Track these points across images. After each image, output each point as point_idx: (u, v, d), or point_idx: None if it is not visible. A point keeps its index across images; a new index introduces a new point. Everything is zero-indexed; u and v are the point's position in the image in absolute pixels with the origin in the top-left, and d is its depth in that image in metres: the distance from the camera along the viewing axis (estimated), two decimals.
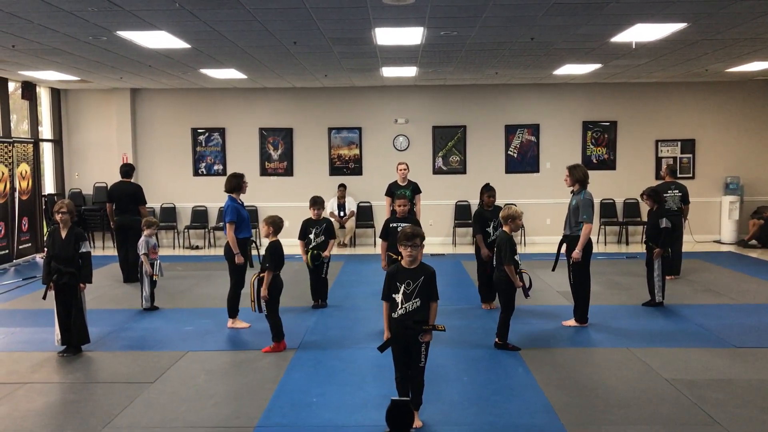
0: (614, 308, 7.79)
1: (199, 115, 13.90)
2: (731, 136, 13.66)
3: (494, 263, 6.43)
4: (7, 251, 11.27)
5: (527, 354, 6.08)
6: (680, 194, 9.61)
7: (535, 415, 4.71)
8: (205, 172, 13.91)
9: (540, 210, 13.43)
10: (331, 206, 13.25)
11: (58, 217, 6.17)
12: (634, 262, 10.66)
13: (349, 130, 13.88)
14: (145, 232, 8.00)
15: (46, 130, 13.74)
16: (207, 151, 13.96)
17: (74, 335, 6.24)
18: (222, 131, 13.91)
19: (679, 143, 13.70)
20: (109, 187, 10.49)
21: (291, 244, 9.00)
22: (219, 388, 5.34)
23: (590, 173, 7.19)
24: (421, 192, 9.58)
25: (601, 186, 12.86)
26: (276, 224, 6.30)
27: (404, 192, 8.82)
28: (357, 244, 13.64)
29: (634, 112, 13.66)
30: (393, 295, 4.44)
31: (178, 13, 7.01)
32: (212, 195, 13.46)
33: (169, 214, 13.83)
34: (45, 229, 12.51)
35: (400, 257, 4.63)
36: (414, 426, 4.33)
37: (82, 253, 6.17)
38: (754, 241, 12.87)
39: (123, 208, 9.66)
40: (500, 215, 6.34)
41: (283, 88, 13.72)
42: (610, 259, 11.44)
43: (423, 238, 4.51)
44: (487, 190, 7.82)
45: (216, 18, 7.29)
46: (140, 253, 7.93)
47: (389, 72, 11.55)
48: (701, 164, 13.71)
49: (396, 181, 9.56)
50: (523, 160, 13.78)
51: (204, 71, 11.18)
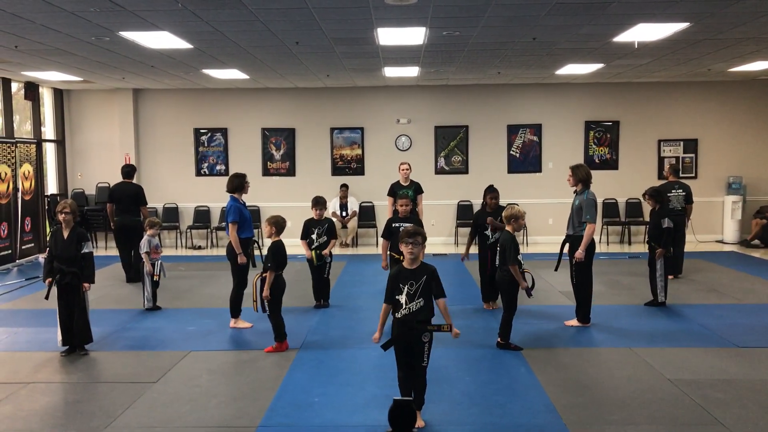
0: (616, 308, 7.78)
1: (201, 115, 13.91)
2: (734, 135, 13.65)
3: (496, 262, 6.43)
4: (9, 251, 11.30)
5: (529, 354, 6.08)
6: (684, 194, 9.60)
7: (537, 415, 4.71)
8: (207, 173, 13.93)
9: (542, 210, 13.42)
10: (333, 206, 13.25)
11: (60, 217, 6.16)
12: (636, 262, 10.66)
13: (352, 130, 13.89)
14: (148, 232, 8.01)
15: (48, 131, 13.77)
16: (209, 152, 13.97)
17: (77, 335, 6.25)
18: (224, 131, 13.93)
19: (681, 143, 13.69)
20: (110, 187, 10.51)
21: (293, 244, 8.99)
22: (221, 388, 5.35)
23: (593, 173, 7.18)
24: (423, 192, 9.58)
25: (604, 186, 12.86)
26: (279, 224, 6.30)
27: (406, 192, 8.82)
28: (359, 244, 13.64)
29: (636, 111, 13.65)
30: (396, 296, 4.44)
31: (180, 14, 7.02)
32: (215, 195, 13.47)
33: (172, 214, 13.85)
34: (48, 230, 12.54)
35: (402, 257, 4.64)
36: (416, 426, 4.33)
37: (84, 253, 6.18)
38: (756, 241, 12.85)
39: (124, 208, 9.65)
40: (503, 215, 6.34)
41: (285, 89, 13.72)
42: (613, 259, 11.43)
43: (425, 237, 4.53)
44: (490, 192, 7.83)
45: (218, 18, 7.30)
46: (141, 253, 7.94)
47: (391, 72, 11.55)
48: (704, 164, 13.70)
49: (398, 181, 9.56)
50: (526, 160, 13.77)
51: (206, 71, 11.19)
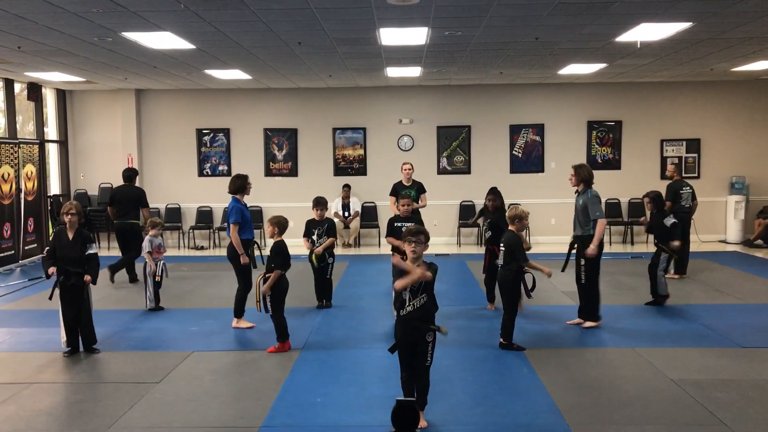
0: (619, 308, 7.77)
1: (203, 115, 13.92)
2: (737, 135, 13.62)
3: (495, 262, 6.43)
4: (12, 252, 11.31)
5: (532, 354, 6.07)
6: (691, 191, 9.71)
7: (539, 415, 4.71)
8: (209, 173, 13.94)
9: (545, 210, 13.40)
10: (335, 206, 13.25)
11: (66, 219, 6.14)
12: (639, 262, 10.64)
13: (354, 130, 13.89)
14: (151, 233, 8.02)
15: (51, 131, 13.79)
16: (212, 152, 13.98)
17: (84, 336, 6.28)
18: (227, 132, 13.93)
19: (684, 143, 13.67)
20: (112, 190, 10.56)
21: (295, 244, 8.99)
22: (224, 388, 5.36)
23: (595, 173, 7.19)
24: (425, 191, 9.57)
25: (606, 186, 12.82)
26: (281, 225, 6.32)
27: (409, 192, 8.82)
28: (361, 245, 13.64)
29: (639, 111, 13.64)
30: (401, 293, 4.47)
31: (182, 14, 7.03)
32: (217, 195, 13.47)
33: (174, 214, 13.86)
34: (51, 230, 12.56)
35: (404, 256, 4.64)
36: (419, 426, 4.33)
37: (89, 254, 6.19)
38: (759, 241, 12.82)
39: (124, 211, 9.68)
40: (507, 215, 6.36)
41: (287, 89, 13.73)
42: (615, 259, 11.40)
43: (428, 236, 4.54)
44: (490, 194, 7.82)
45: (221, 19, 7.30)
46: (144, 253, 7.96)
47: (394, 72, 11.55)
48: (706, 164, 13.68)
49: (401, 181, 9.55)
50: (528, 160, 13.76)
51: (209, 72, 11.20)
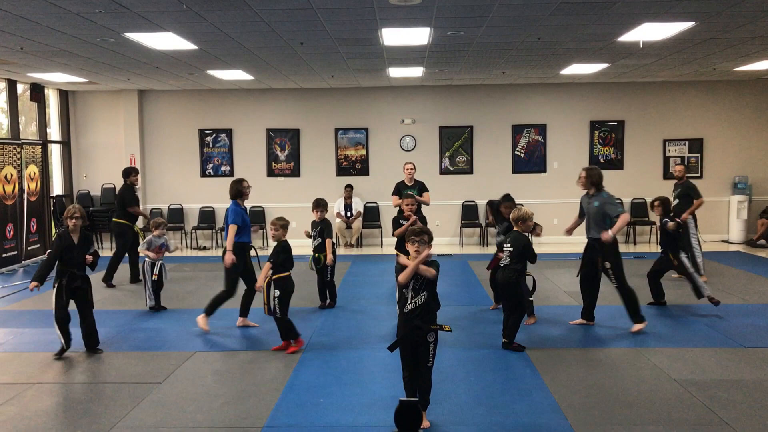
0: (622, 308, 7.75)
1: (206, 116, 13.94)
2: (739, 135, 13.60)
3: (501, 263, 6.41)
4: (15, 252, 11.34)
5: (535, 354, 6.07)
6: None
7: (542, 415, 4.70)
8: (212, 173, 13.95)
9: (547, 210, 13.38)
10: (337, 207, 13.26)
11: (71, 222, 6.07)
12: (642, 262, 10.61)
13: (356, 130, 13.89)
14: (154, 232, 8.08)
15: (54, 132, 13.81)
16: (214, 152, 14.00)
17: (88, 336, 6.28)
18: (229, 132, 13.95)
19: (687, 143, 13.66)
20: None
21: (298, 244, 9.00)
22: (227, 388, 5.35)
23: None
24: (428, 191, 9.54)
25: (609, 186, 12.48)
26: (286, 226, 6.39)
27: (411, 192, 8.81)
28: (364, 245, 13.64)
29: (641, 111, 13.63)
30: (403, 290, 4.49)
31: (185, 15, 7.04)
32: (219, 196, 13.48)
33: (177, 214, 13.88)
34: (53, 231, 12.59)
35: (408, 256, 4.64)
36: (422, 426, 4.32)
37: (93, 251, 6.25)
38: (762, 241, 12.80)
39: (115, 210, 9.84)
40: (511, 217, 6.36)
41: (289, 89, 13.74)
42: None
43: (431, 236, 4.55)
44: (506, 200, 7.56)
45: (223, 19, 7.31)
46: (140, 250, 8.14)
47: (396, 72, 11.55)
48: (709, 164, 13.66)
49: (403, 181, 9.55)
50: (530, 160, 13.76)
51: (211, 72, 11.21)
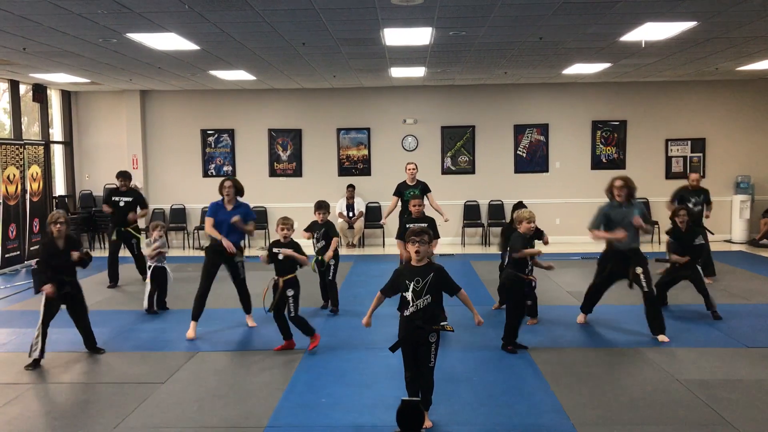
0: (625, 308, 7.75)
1: (208, 116, 13.95)
2: (742, 134, 13.58)
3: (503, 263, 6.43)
4: (18, 252, 11.36)
5: (537, 354, 6.06)
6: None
7: (545, 416, 4.70)
8: (214, 173, 13.95)
9: (549, 210, 13.37)
10: (339, 207, 13.27)
11: (55, 228, 5.95)
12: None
13: (358, 130, 13.89)
14: (153, 234, 8.12)
15: (56, 132, 13.83)
16: (216, 153, 14.01)
17: (85, 338, 6.28)
18: (231, 132, 13.96)
19: (689, 142, 13.63)
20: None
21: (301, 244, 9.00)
22: (229, 388, 5.36)
23: (600, 173, 7.26)
24: (430, 191, 9.54)
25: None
26: (293, 226, 6.46)
27: (414, 192, 8.82)
28: (366, 245, 13.64)
29: (643, 111, 13.60)
30: (403, 293, 4.46)
31: (187, 15, 7.04)
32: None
33: (179, 215, 13.89)
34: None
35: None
36: (424, 426, 4.32)
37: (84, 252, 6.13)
38: (765, 240, 12.78)
39: None
40: (513, 216, 6.42)
41: (291, 89, 13.74)
42: None
43: (431, 236, 4.54)
44: (519, 208, 7.30)
45: (225, 19, 7.32)
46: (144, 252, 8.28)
47: (398, 72, 11.54)
48: (712, 163, 13.64)
49: (405, 182, 9.55)
50: (533, 159, 13.74)
51: (213, 73, 11.22)
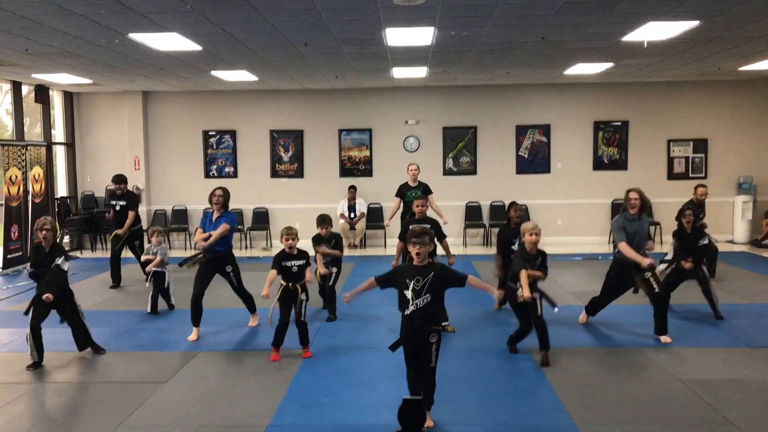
0: (627, 308, 7.74)
1: (210, 117, 13.96)
2: (744, 135, 13.56)
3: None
4: (20, 253, 11.37)
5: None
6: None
7: (547, 415, 4.69)
8: (216, 174, 13.95)
9: (551, 211, 13.37)
10: (341, 208, 13.27)
11: (41, 234, 5.95)
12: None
13: (360, 131, 13.89)
14: (152, 240, 8.16)
15: (58, 133, 13.85)
16: (218, 154, 14.01)
17: (79, 341, 6.23)
18: (233, 133, 13.96)
19: (691, 143, 13.61)
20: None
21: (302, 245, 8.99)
22: (231, 388, 5.36)
23: (602, 174, 7.21)
24: (432, 192, 9.54)
25: (613, 187, 12.79)
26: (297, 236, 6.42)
27: (415, 193, 8.82)
28: (367, 246, 13.63)
29: (645, 111, 13.59)
30: (403, 291, 4.44)
31: (189, 15, 7.05)
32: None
33: (181, 216, 13.89)
34: (58, 232, 12.60)
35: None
36: (426, 426, 4.32)
37: (54, 265, 5.90)
38: (767, 241, 12.76)
39: None
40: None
41: (293, 90, 13.75)
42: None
43: (432, 237, 4.54)
44: (513, 206, 7.46)
45: (227, 20, 7.32)
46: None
47: (399, 73, 11.54)
48: (714, 164, 13.62)
49: (406, 182, 9.54)
50: (534, 160, 13.73)
51: (215, 73, 11.23)
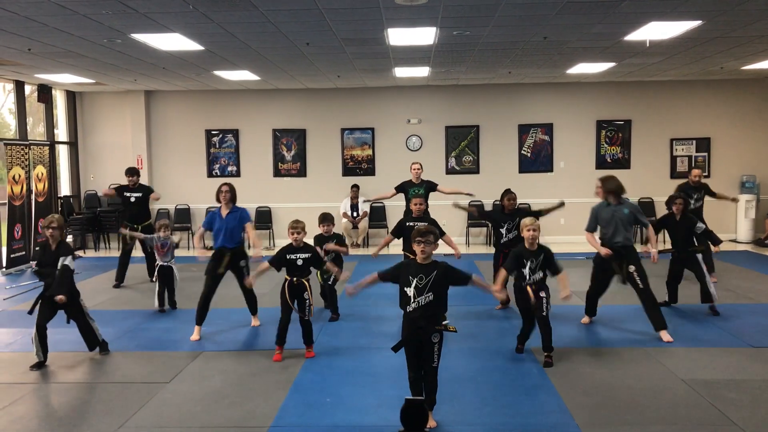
0: (629, 308, 7.74)
1: (212, 116, 13.97)
2: (747, 134, 13.54)
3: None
4: (23, 253, 11.39)
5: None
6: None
7: (549, 416, 4.69)
8: (219, 174, 13.97)
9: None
10: (344, 207, 13.27)
11: (48, 232, 5.96)
12: (649, 261, 10.56)
13: (362, 130, 13.90)
14: (160, 234, 8.17)
15: (61, 133, 13.87)
16: (221, 153, 14.03)
17: (87, 341, 6.26)
18: (235, 132, 13.98)
19: (694, 142, 13.60)
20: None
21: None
22: (233, 388, 5.37)
23: (604, 173, 7.18)
24: (437, 185, 9.41)
25: None
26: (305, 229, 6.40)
27: (418, 191, 8.81)
28: (370, 245, 13.63)
29: (648, 110, 13.58)
30: (405, 289, 4.44)
31: (191, 15, 7.06)
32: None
33: (184, 215, 13.91)
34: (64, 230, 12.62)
35: (415, 256, 4.63)
36: (428, 426, 4.33)
37: (62, 266, 5.90)
38: None
39: None
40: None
41: (295, 89, 13.76)
42: None
43: (437, 236, 4.54)
44: (507, 194, 7.70)
45: (229, 20, 7.33)
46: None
47: (402, 72, 11.54)
48: (717, 163, 13.60)
49: (410, 180, 9.53)
50: (537, 159, 13.73)
51: (217, 73, 11.23)
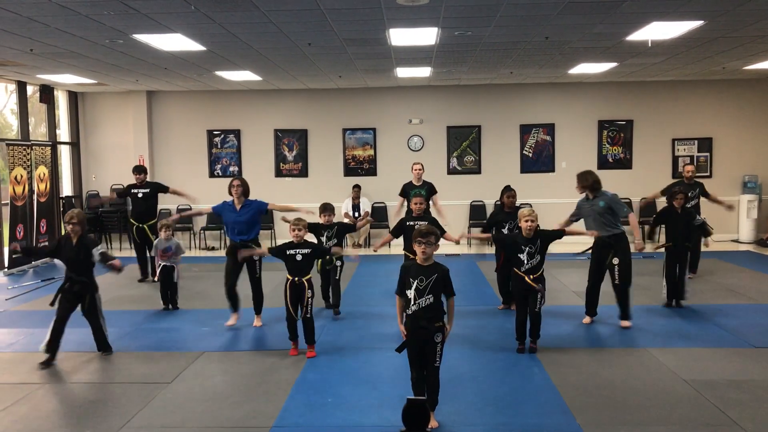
0: (631, 309, 7.73)
1: (214, 117, 13.98)
2: (749, 134, 13.52)
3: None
4: None
5: (543, 354, 6.05)
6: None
7: (551, 416, 4.69)
8: (220, 174, 13.98)
9: (556, 210, 13.24)
10: (345, 207, 13.27)
11: (69, 228, 6.12)
12: (650, 262, 10.57)
13: (364, 130, 13.90)
14: (161, 235, 8.16)
15: (63, 133, 13.89)
16: (222, 153, 14.04)
17: (97, 340, 6.30)
18: (237, 133, 13.98)
19: (696, 142, 13.58)
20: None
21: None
22: (235, 388, 5.37)
23: (606, 173, 7.25)
24: (437, 192, 9.52)
25: (618, 185, 12.65)
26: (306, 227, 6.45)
27: (419, 192, 8.81)
28: (371, 245, 13.64)
29: (650, 110, 13.56)
30: (405, 291, 4.45)
31: (193, 16, 7.06)
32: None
33: None
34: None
35: (415, 256, 4.64)
36: (430, 426, 4.33)
37: (100, 254, 6.14)
38: None
39: None
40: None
41: (297, 90, 13.76)
42: None
43: (438, 237, 4.53)
44: (507, 191, 7.88)
45: (231, 20, 7.33)
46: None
47: (403, 72, 11.54)
48: (719, 163, 13.59)
49: (411, 182, 9.54)
50: (539, 159, 13.72)
51: (219, 73, 11.24)
